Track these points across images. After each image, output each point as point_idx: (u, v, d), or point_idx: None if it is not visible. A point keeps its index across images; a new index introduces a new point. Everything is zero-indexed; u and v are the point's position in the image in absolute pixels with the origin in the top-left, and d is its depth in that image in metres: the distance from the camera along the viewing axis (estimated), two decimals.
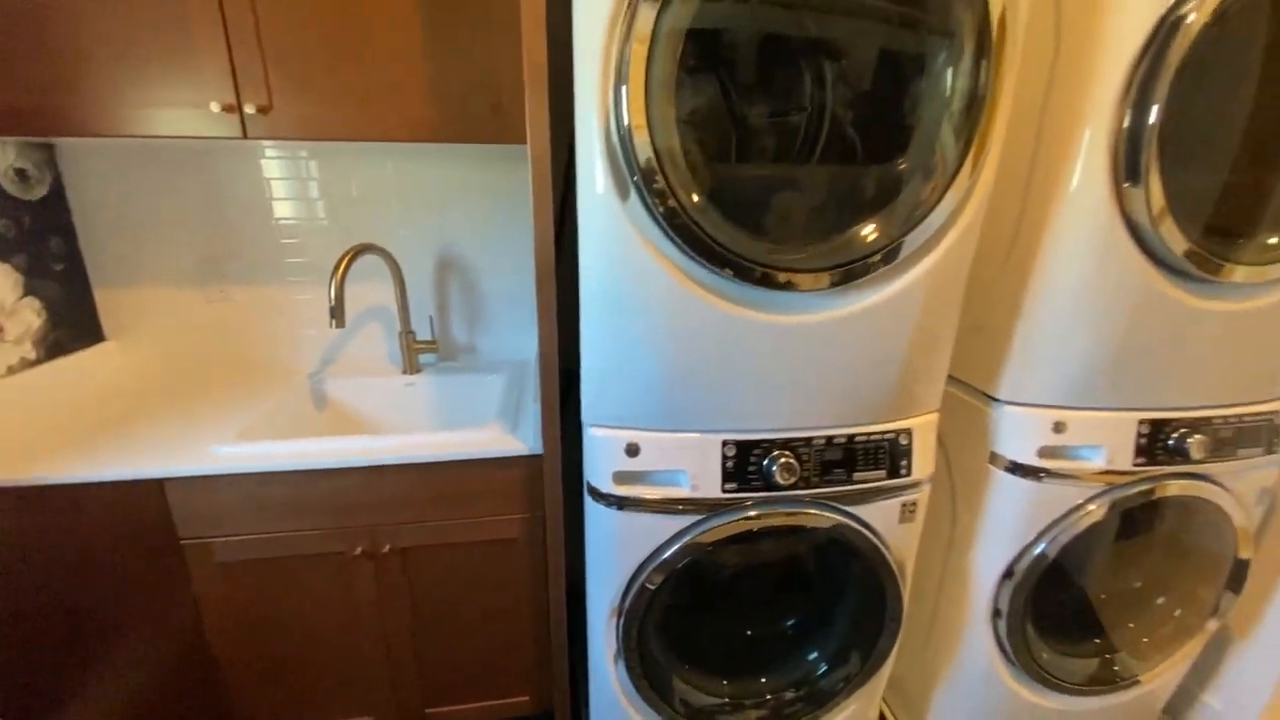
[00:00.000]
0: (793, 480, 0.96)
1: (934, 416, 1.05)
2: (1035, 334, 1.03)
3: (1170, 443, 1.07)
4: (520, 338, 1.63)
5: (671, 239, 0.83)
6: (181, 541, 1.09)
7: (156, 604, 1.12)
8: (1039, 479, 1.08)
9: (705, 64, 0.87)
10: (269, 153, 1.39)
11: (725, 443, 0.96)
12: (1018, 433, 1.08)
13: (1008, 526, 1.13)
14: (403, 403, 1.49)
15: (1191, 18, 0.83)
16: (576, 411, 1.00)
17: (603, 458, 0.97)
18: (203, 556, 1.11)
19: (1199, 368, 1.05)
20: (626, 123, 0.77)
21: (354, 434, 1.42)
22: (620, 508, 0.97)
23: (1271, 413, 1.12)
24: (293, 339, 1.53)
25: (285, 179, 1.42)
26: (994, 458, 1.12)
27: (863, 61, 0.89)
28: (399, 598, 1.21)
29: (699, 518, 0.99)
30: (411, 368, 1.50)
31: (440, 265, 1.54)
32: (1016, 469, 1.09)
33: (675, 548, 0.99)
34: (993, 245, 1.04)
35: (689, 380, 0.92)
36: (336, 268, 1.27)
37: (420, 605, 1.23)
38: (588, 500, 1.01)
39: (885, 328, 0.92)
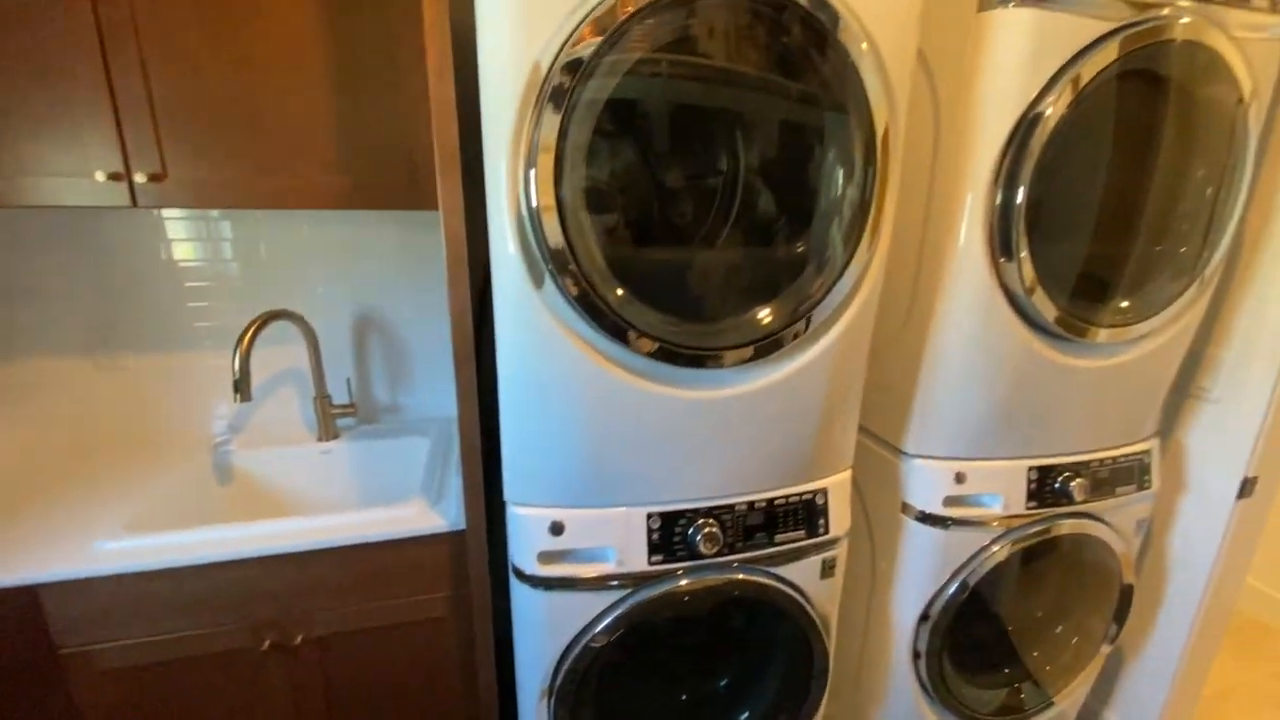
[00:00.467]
0: (717, 548, 0.98)
1: (847, 474, 1.10)
2: (933, 393, 1.10)
3: (1056, 486, 1.17)
4: (446, 392, 1.58)
5: (587, 321, 0.84)
6: (60, 652, 0.99)
7: None
8: (946, 527, 1.15)
9: (619, 137, 0.89)
10: (171, 212, 1.31)
11: (650, 515, 0.97)
12: (924, 484, 1.15)
13: (922, 572, 1.19)
14: (318, 473, 1.41)
15: (1049, 112, 0.93)
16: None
17: (527, 537, 0.95)
18: (85, 665, 1.00)
19: (1076, 418, 1.15)
20: (535, 204, 0.78)
21: (263, 511, 1.34)
22: (547, 589, 0.95)
23: (1141, 453, 1.24)
24: (196, 407, 1.42)
25: (191, 240, 1.34)
26: (905, 507, 1.18)
27: (768, 141, 0.94)
28: (315, 691, 1.14)
29: (627, 591, 0.98)
30: (328, 434, 1.43)
31: (359, 323, 1.48)
32: (926, 518, 1.16)
33: (605, 623, 0.98)
34: (891, 317, 1.12)
35: (611, 457, 0.92)
36: (241, 339, 1.20)
37: (340, 697, 1.16)
38: (513, 581, 0.99)
39: (797, 397, 0.96)
